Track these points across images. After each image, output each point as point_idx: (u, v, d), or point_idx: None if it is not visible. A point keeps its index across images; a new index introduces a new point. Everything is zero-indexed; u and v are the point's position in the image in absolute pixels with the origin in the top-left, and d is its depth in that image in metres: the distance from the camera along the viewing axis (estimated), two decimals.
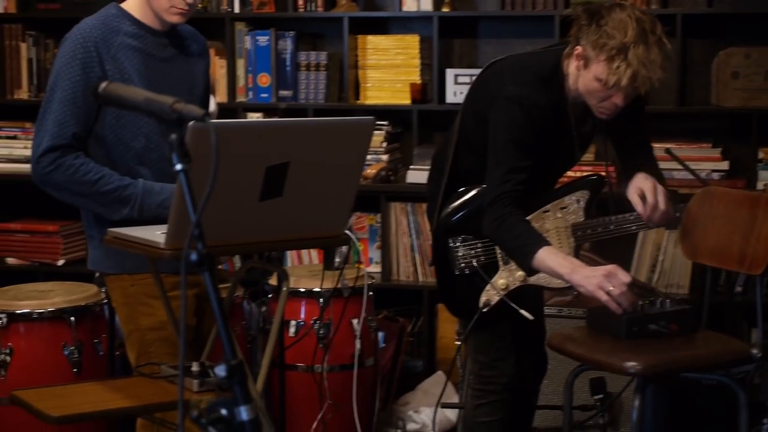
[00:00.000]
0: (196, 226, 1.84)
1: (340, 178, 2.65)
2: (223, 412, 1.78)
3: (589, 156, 4.13)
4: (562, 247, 3.15)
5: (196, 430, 2.60)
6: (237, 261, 4.68)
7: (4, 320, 3.56)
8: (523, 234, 2.98)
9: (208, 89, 3.11)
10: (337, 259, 3.84)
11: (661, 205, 3.07)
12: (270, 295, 3.98)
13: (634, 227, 3.17)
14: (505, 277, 3.19)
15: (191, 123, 2.07)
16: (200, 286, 2.78)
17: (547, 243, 2.97)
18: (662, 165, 4.14)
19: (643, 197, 3.07)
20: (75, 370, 3.57)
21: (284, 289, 2.83)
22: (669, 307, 3.09)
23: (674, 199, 3.25)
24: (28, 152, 4.78)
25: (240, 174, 2.43)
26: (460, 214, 3.24)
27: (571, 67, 3.02)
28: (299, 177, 2.53)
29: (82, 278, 4.05)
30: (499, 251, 3.19)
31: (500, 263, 3.20)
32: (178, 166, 1.90)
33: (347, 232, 2.77)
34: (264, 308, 4.00)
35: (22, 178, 4.80)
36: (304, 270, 4.19)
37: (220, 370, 1.79)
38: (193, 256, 1.82)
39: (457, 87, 4.59)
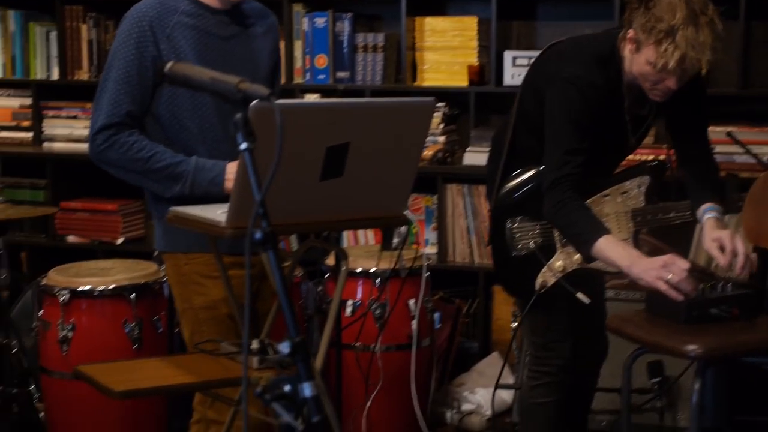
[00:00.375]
0: (260, 205, 1.86)
1: (399, 159, 2.64)
2: (287, 388, 1.79)
3: (648, 139, 4.09)
4: (621, 233, 3.13)
5: (253, 406, 2.64)
6: (293, 241, 4.71)
7: (67, 297, 3.62)
8: (582, 221, 2.97)
9: (277, 67, 3.09)
10: (396, 240, 3.84)
11: (740, 248, 3.01)
12: (327, 275, 4.00)
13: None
14: (563, 260, 3.18)
15: (254, 102, 2.08)
16: (256, 266, 2.79)
17: (607, 231, 2.95)
18: (723, 149, 4.15)
19: (722, 248, 3.03)
20: (135, 346, 3.62)
21: (343, 268, 2.84)
22: (730, 292, 3.06)
23: (735, 183, 3.22)
24: (88, 132, 4.86)
25: (301, 154, 2.43)
26: (517, 194, 3.24)
27: (626, 50, 3.00)
28: (359, 157, 2.53)
29: (140, 257, 4.11)
30: (556, 233, 3.18)
31: (558, 245, 3.19)
32: (243, 145, 1.92)
33: (406, 213, 2.77)
34: (320, 288, 4.03)
35: (82, 157, 4.86)
36: (361, 250, 4.21)
37: (284, 347, 1.80)
38: (258, 235, 1.83)
39: (515, 69, 4.56)
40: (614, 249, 2.93)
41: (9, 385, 3.87)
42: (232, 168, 2.77)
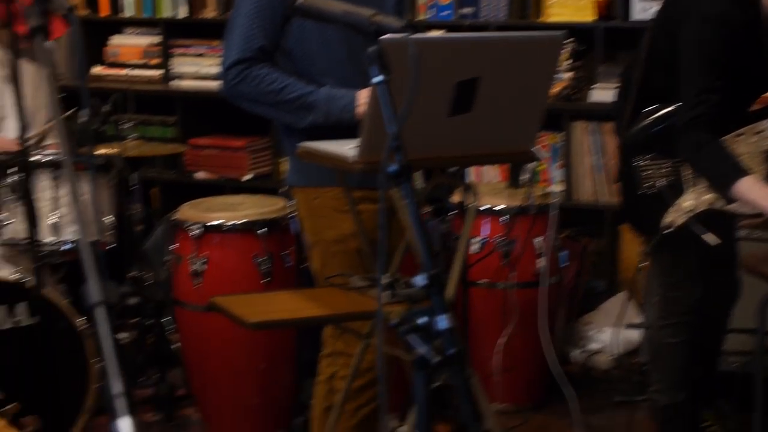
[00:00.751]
0: (395, 138, 1.86)
1: (528, 94, 2.61)
2: (422, 321, 1.80)
3: None
4: (754, 174, 3.06)
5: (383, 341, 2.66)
6: (416, 178, 4.71)
7: (199, 231, 3.68)
8: (722, 162, 2.91)
9: (402, 2, 3.08)
10: (523, 177, 3.81)
11: None
12: (452, 212, 3.99)
13: None
14: (692, 200, 3.11)
15: (386, 36, 2.07)
16: (387, 200, 2.79)
17: (747, 172, 2.89)
18: None
19: None
20: (265, 280, 3.67)
21: (473, 204, 2.84)
22: None
23: None
24: (215, 70, 4.92)
25: (431, 89, 2.42)
26: (648, 132, 3.17)
27: None
28: (488, 92, 2.51)
29: (266, 193, 4.16)
30: (686, 173, 3.12)
31: (687, 185, 3.13)
32: (377, 78, 1.92)
33: (534, 149, 2.74)
34: (445, 225, 4.03)
35: (210, 94, 4.94)
36: (486, 188, 4.19)
37: (420, 280, 1.81)
38: (393, 168, 1.84)
39: (643, 3, 4.45)
40: (757, 190, 2.86)
41: (144, 317, 3.99)
42: (362, 94, 2.77)
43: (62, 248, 3.55)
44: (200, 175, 5.07)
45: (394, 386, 2.91)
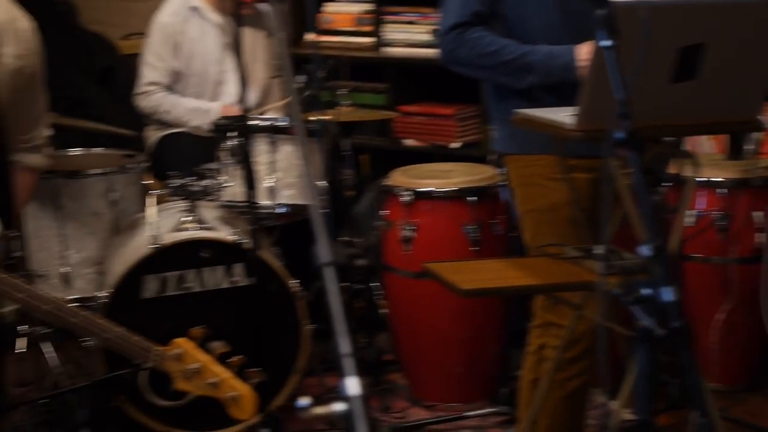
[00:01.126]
0: (623, 104, 1.81)
1: (755, 61, 2.52)
2: (646, 292, 1.76)
3: None
4: None
5: (593, 311, 2.61)
6: None
7: (409, 198, 3.71)
8: None
9: None
10: (751, 146, 3.66)
11: None
12: (668, 184, 3.88)
13: None
14: None
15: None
16: (596, 170, 2.74)
17: None
18: None
19: None
20: (473, 248, 3.66)
21: (693, 175, 2.75)
22: None
23: None
24: (425, 37, 4.94)
25: (654, 54, 2.34)
26: None
27: None
28: (713, 59, 2.43)
29: (473, 161, 4.14)
30: None
31: None
32: (605, 43, 1.87)
33: (760, 118, 2.64)
34: (658, 197, 3.92)
35: (420, 62, 4.96)
36: (702, 158, 4.05)
37: (646, 250, 1.76)
38: (620, 134, 1.79)
39: None
40: None
41: (354, 282, 4.04)
42: (582, 50, 2.72)
43: (277, 211, 3.64)
44: (409, 142, 5.10)
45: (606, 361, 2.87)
